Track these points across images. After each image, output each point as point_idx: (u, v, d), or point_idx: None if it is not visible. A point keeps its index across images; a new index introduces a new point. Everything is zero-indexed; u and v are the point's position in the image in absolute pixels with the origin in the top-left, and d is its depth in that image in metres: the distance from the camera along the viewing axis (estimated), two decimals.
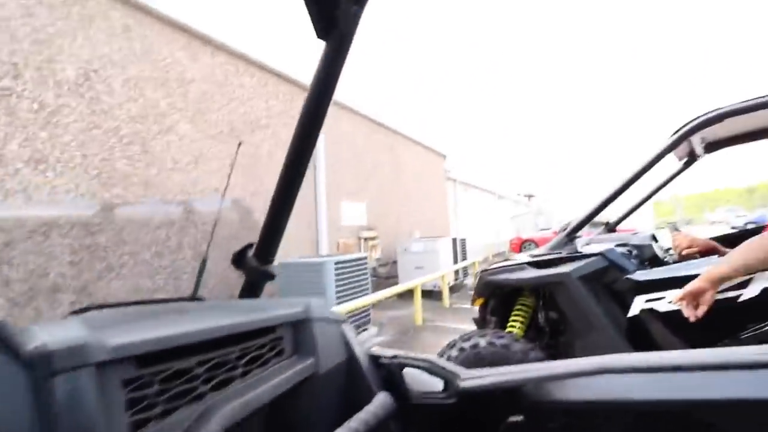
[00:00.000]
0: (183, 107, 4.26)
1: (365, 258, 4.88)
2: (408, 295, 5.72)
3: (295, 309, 0.70)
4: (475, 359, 1.76)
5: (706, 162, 2.27)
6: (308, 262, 4.34)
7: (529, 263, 1.99)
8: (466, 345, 1.82)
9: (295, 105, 5.91)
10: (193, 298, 0.99)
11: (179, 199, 4.11)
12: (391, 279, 7.36)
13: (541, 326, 2.07)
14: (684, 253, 1.83)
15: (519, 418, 0.63)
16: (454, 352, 1.85)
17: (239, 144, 1.34)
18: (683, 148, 2.19)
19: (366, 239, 6.95)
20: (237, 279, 0.93)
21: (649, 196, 2.51)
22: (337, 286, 4.30)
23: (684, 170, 2.33)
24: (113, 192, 3.55)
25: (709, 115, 1.69)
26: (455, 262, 7.65)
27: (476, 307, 2.31)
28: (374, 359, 0.77)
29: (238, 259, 0.88)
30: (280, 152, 5.48)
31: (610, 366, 0.56)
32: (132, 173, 3.70)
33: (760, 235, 1.43)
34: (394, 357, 0.75)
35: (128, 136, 3.70)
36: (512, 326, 2.02)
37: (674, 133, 1.78)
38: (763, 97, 1.63)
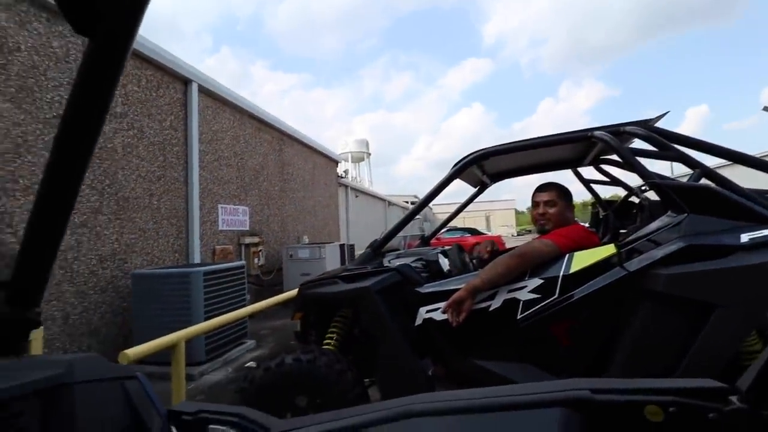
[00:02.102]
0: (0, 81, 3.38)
1: (242, 266, 4.50)
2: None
3: (46, 372, 0.53)
4: (282, 377, 1.77)
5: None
6: (170, 273, 3.82)
7: (341, 277, 2.06)
8: (272, 363, 1.81)
9: (170, 94, 5.22)
10: None
11: None
12: (276, 287, 6.98)
13: (356, 337, 2.15)
14: (485, 257, 2.23)
15: None
16: (260, 372, 1.82)
17: None
18: (472, 177, 2.68)
19: (248, 245, 6.46)
20: None
21: (453, 216, 3.08)
22: (206, 299, 3.87)
23: (478, 194, 2.88)
24: None
25: (476, 154, 2.07)
26: None
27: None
28: (175, 418, 0.64)
29: None
30: (141, 146, 4.75)
31: (413, 411, 0.55)
32: None
33: (504, 255, 1.77)
34: (198, 412, 0.64)
35: None
36: (329, 338, 2.07)
37: (453, 167, 2.11)
38: (514, 142, 2.07)
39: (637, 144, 1.96)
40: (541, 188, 2.02)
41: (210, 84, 5.94)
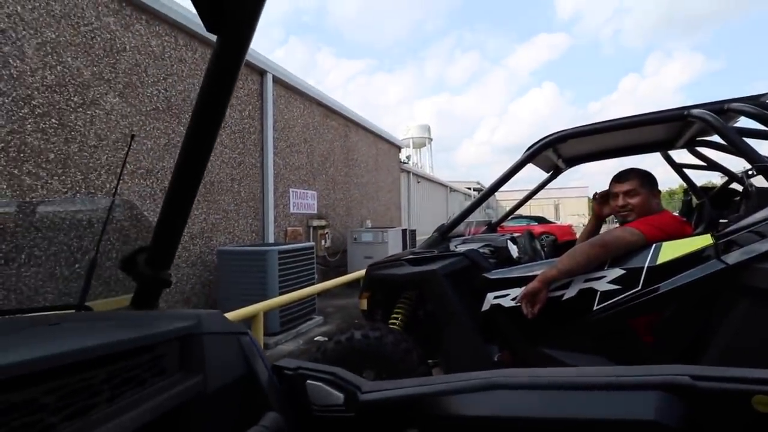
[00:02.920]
0: (111, 78, 3.87)
1: (312, 247, 4.77)
2: (356, 284, 5.70)
3: (182, 323, 0.64)
4: (351, 351, 1.84)
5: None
6: (250, 251, 4.17)
7: (407, 260, 2.10)
8: (343, 337, 1.88)
9: (248, 86, 5.60)
10: (80, 307, 0.88)
11: (102, 179, 3.75)
12: (340, 268, 7.29)
13: (420, 318, 2.19)
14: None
15: (414, 431, 0.63)
16: (331, 345, 1.89)
17: (132, 137, 1.21)
18: (546, 161, 2.53)
19: (315, 228, 6.81)
20: None
21: (523, 202, 2.93)
22: (280, 275, 4.17)
23: (551, 179, 2.74)
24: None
25: (554, 136, 1.95)
26: None
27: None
28: (278, 372, 0.74)
29: (128, 265, 0.77)
30: (224, 134, 5.17)
31: (500, 383, 0.58)
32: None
33: (582, 243, 1.68)
34: (298, 369, 0.73)
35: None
36: (394, 318, 2.13)
37: (527, 150, 2.01)
38: (597, 123, 1.90)
39: (744, 123, 1.75)
40: (619, 177, 1.83)
41: (282, 74, 6.25)
